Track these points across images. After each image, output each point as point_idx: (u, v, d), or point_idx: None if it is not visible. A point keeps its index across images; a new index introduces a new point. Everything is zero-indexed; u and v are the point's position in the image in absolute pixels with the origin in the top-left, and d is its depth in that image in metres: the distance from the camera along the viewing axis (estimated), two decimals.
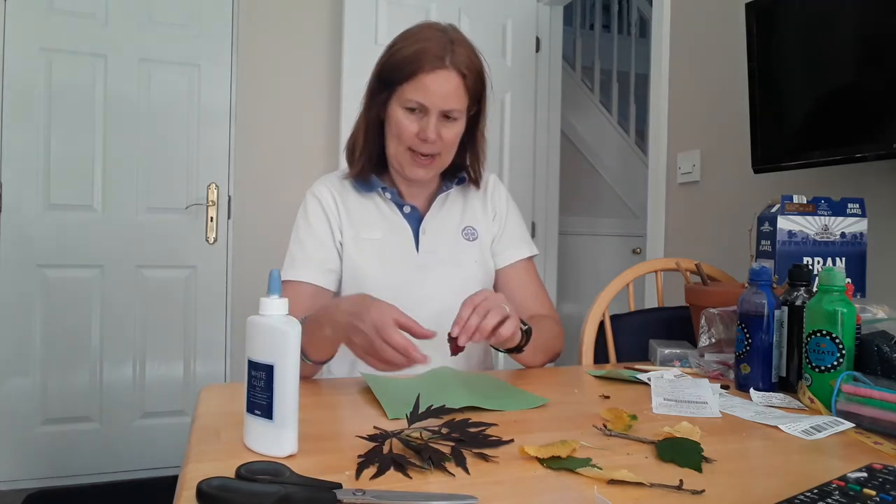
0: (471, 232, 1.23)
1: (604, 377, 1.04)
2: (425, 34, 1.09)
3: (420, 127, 1.08)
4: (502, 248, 1.25)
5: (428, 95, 1.06)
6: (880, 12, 1.28)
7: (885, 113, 1.27)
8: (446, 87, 1.07)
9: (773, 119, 1.52)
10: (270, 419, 0.63)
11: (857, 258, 1.18)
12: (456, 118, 1.11)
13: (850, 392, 0.79)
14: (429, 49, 1.06)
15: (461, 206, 1.24)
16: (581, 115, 3.79)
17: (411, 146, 1.10)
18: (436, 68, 1.05)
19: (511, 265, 1.25)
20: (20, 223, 2.37)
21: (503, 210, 1.27)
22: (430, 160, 1.12)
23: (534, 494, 0.57)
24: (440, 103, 1.07)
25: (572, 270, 3.61)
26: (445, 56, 1.06)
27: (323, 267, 1.15)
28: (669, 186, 2.18)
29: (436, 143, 1.09)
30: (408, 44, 1.08)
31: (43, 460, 2.40)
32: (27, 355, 2.39)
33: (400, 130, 1.09)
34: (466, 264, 1.20)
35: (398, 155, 1.12)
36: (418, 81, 1.06)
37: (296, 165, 2.69)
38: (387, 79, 1.10)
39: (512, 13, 2.80)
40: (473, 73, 1.10)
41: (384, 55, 1.12)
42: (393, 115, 1.10)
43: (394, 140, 1.12)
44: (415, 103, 1.07)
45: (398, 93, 1.08)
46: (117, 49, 2.46)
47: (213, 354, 2.62)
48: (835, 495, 0.51)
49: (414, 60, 1.06)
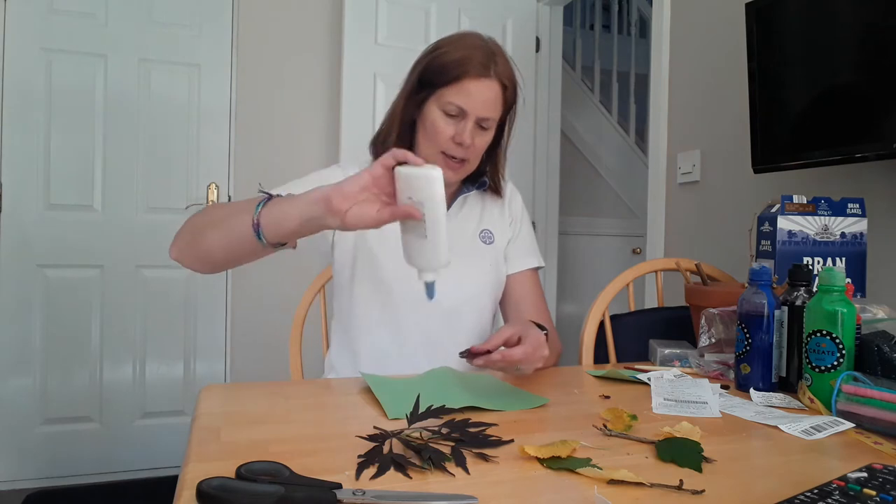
0: (487, 235, 1.24)
1: (604, 377, 1.04)
2: (471, 41, 1.10)
3: (456, 131, 1.09)
4: (512, 256, 1.27)
5: (470, 101, 1.07)
6: (880, 12, 1.28)
7: (885, 113, 1.27)
8: (488, 95, 1.08)
9: (772, 119, 1.52)
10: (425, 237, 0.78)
11: (857, 258, 1.18)
12: (488, 128, 1.12)
13: (851, 392, 0.79)
14: (475, 57, 1.07)
15: (479, 209, 1.26)
16: (581, 115, 3.79)
17: (444, 149, 1.11)
18: (481, 76, 1.07)
19: (518, 273, 1.26)
20: (20, 223, 2.37)
21: (519, 217, 1.30)
22: (460, 164, 1.13)
23: (534, 494, 0.57)
24: (480, 110, 1.08)
25: (572, 270, 3.61)
26: (490, 65, 1.08)
27: None
28: (669, 186, 2.18)
29: (469, 149, 1.11)
30: (453, 49, 1.09)
31: (43, 460, 2.40)
32: (27, 355, 2.39)
33: (436, 132, 1.10)
34: (481, 267, 1.21)
35: (429, 156, 1.13)
36: (462, 86, 1.07)
37: (296, 165, 2.69)
38: (428, 80, 1.10)
39: (512, 13, 2.80)
40: (512, 86, 1.12)
41: (427, 57, 1.12)
42: (429, 116, 1.10)
43: (427, 141, 1.12)
44: (455, 107, 1.08)
45: (438, 95, 1.09)
46: (117, 49, 2.46)
47: (213, 354, 2.62)
48: (835, 495, 0.51)
49: (460, 65, 1.07)
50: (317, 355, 1.43)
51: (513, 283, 1.26)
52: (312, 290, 1.40)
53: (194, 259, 0.96)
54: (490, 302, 1.23)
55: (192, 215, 0.98)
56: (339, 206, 0.78)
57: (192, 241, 0.95)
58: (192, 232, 0.96)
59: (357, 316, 1.17)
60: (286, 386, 0.98)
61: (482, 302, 1.21)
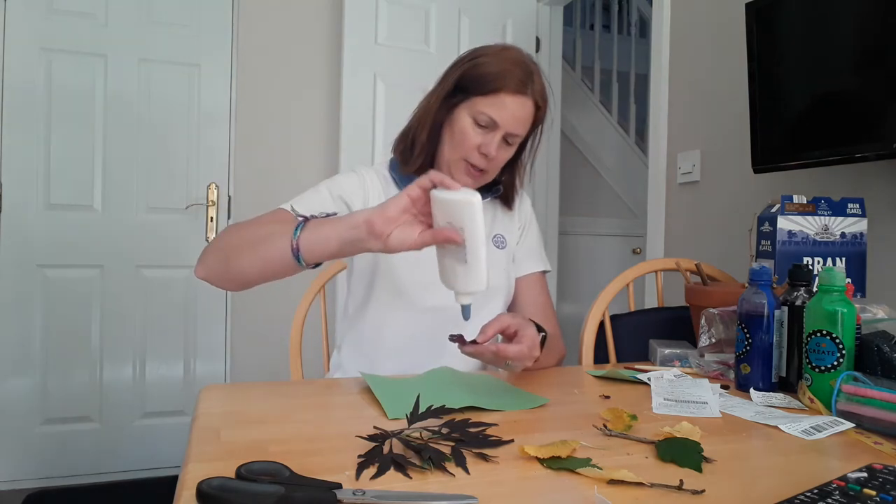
0: (500, 240, 1.25)
1: (604, 377, 1.04)
2: (512, 56, 1.10)
3: (483, 141, 1.09)
4: (520, 259, 1.27)
5: (503, 115, 1.07)
6: (880, 12, 1.28)
7: (885, 113, 1.27)
8: (521, 113, 1.09)
9: (773, 119, 1.52)
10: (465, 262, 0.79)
11: (857, 258, 1.18)
12: (512, 143, 1.13)
13: (851, 392, 0.79)
14: (515, 72, 1.08)
15: (492, 215, 1.26)
16: (581, 114, 3.79)
17: (467, 157, 1.11)
18: (518, 92, 1.08)
19: (525, 277, 1.27)
20: (20, 223, 2.37)
21: (528, 221, 1.31)
22: (479, 174, 1.13)
23: (534, 494, 0.57)
24: (511, 125, 1.09)
25: (572, 270, 3.61)
26: (528, 83, 1.09)
27: None
28: (669, 186, 2.18)
29: (492, 161, 1.11)
30: (495, 60, 1.09)
31: (43, 460, 2.40)
32: (27, 355, 2.39)
33: (463, 139, 1.10)
34: (495, 271, 1.21)
35: (452, 162, 1.13)
36: (498, 99, 1.07)
37: (296, 165, 2.69)
38: (465, 86, 1.10)
39: (512, 13, 2.79)
40: (544, 106, 1.13)
41: (467, 63, 1.11)
42: (459, 122, 1.10)
43: (453, 146, 1.12)
44: (487, 118, 1.08)
45: (472, 103, 1.09)
46: (117, 49, 2.46)
47: (213, 354, 2.62)
48: (835, 495, 0.51)
49: (499, 78, 1.07)
50: (317, 355, 1.43)
51: (520, 286, 1.26)
52: (312, 290, 1.40)
53: (225, 280, 0.95)
54: (502, 306, 1.23)
55: (219, 235, 0.97)
56: (382, 230, 0.79)
57: (224, 263, 0.94)
58: (222, 253, 0.94)
59: (373, 320, 1.18)
60: (286, 386, 0.98)
61: (495, 305, 1.21)
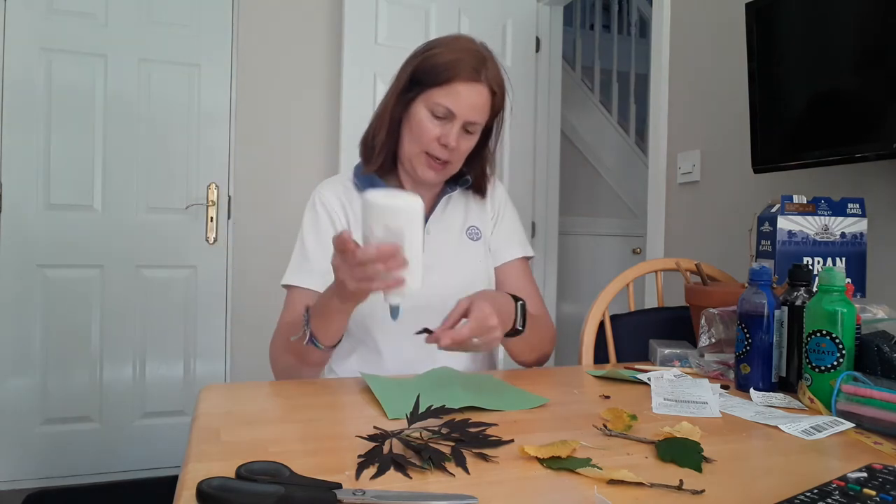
0: (474, 231, 1.24)
1: (604, 377, 1.04)
2: (463, 45, 1.10)
3: (442, 132, 1.09)
4: (496, 247, 1.26)
5: (458, 104, 1.07)
6: (880, 12, 1.28)
7: (885, 113, 1.27)
8: (477, 100, 1.09)
9: (773, 119, 1.52)
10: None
11: (857, 258, 1.18)
12: (473, 132, 1.13)
13: (850, 392, 0.79)
14: (466, 60, 1.08)
15: (464, 206, 1.26)
16: (581, 115, 3.79)
17: (428, 150, 1.11)
18: (471, 80, 1.07)
19: (504, 265, 1.26)
20: (20, 223, 2.37)
21: (500, 208, 1.29)
22: (442, 165, 1.13)
23: (534, 494, 0.57)
24: (467, 114, 1.08)
25: (572, 270, 3.61)
26: (482, 70, 1.08)
27: (325, 275, 1.15)
28: (669, 186, 2.18)
29: (453, 152, 1.11)
30: (446, 50, 1.09)
31: (43, 460, 2.40)
32: (27, 355, 2.39)
33: (421, 132, 1.10)
34: (470, 263, 1.21)
35: (412, 156, 1.13)
36: (452, 88, 1.07)
37: (296, 165, 2.69)
38: (418, 80, 1.10)
39: (512, 13, 2.80)
40: (501, 93, 1.13)
41: (419, 56, 1.12)
42: (416, 115, 1.10)
43: (412, 140, 1.12)
44: (443, 109, 1.08)
45: (427, 95, 1.09)
46: (117, 49, 2.46)
47: (213, 354, 2.62)
48: (835, 495, 0.51)
49: (451, 67, 1.07)
50: None
51: (500, 275, 1.25)
52: None
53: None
54: None
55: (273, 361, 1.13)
56: (352, 294, 0.87)
57: (291, 376, 1.09)
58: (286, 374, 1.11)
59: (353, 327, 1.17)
60: (286, 386, 0.98)
61: None
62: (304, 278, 1.15)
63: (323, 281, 1.14)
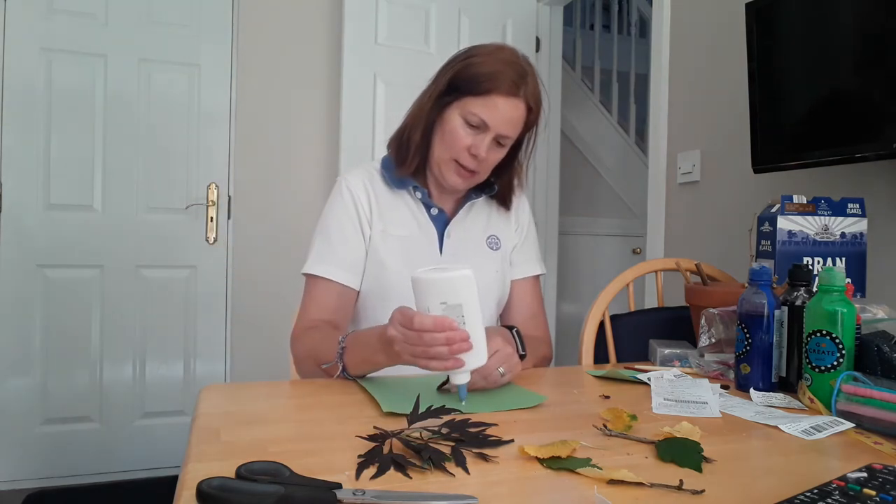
0: (494, 241, 1.24)
1: (604, 377, 1.04)
2: (506, 56, 1.10)
3: (474, 142, 1.09)
4: (516, 262, 1.27)
5: (494, 116, 1.07)
6: (880, 12, 1.28)
7: (885, 113, 1.27)
8: (513, 114, 1.08)
9: (773, 119, 1.52)
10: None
11: (857, 258, 1.18)
12: (504, 144, 1.12)
13: (850, 392, 0.79)
14: (507, 73, 1.07)
15: (486, 215, 1.26)
16: (581, 115, 3.79)
17: (457, 157, 1.11)
18: (510, 94, 1.07)
19: (520, 280, 1.26)
20: (20, 223, 2.37)
21: (525, 223, 1.30)
22: (470, 174, 1.13)
23: (534, 494, 0.57)
24: (501, 127, 1.08)
25: (572, 270, 3.61)
26: (521, 85, 1.08)
27: (350, 266, 1.15)
28: (669, 186, 2.18)
29: (482, 162, 1.11)
30: (488, 60, 1.08)
31: (43, 460, 2.40)
32: (27, 355, 2.39)
33: (454, 139, 1.10)
34: (487, 272, 1.20)
35: (442, 161, 1.13)
36: (490, 100, 1.06)
37: (296, 165, 2.69)
38: (457, 86, 1.09)
39: (512, 13, 2.79)
40: (537, 108, 1.12)
41: (460, 62, 1.11)
42: (450, 122, 1.10)
43: (443, 146, 1.12)
44: (478, 119, 1.07)
45: (463, 103, 1.08)
46: (117, 49, 2.46)
47: (213, 354, 2.61)
48: (835, 495, 0.51)
49: (492, 79, 1.06)
50: None
51: (514, 288, 1.26)
52: None
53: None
54: (495, 307, 1.23)
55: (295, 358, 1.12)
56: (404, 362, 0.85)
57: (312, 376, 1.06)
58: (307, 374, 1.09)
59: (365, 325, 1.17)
60: (286, 386, 0.99)
61: (488, 306, 1.21)
62: (327, 269, 1.13)
63: (346, 272, 1.14)
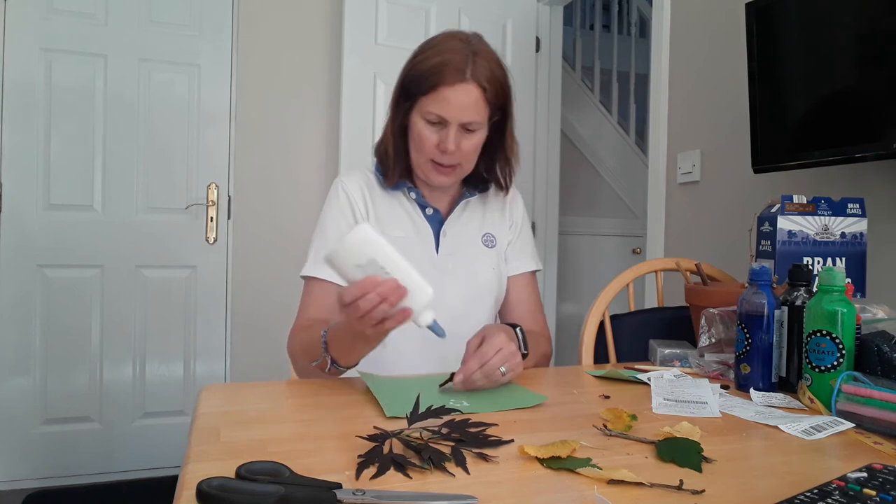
0: (490, 239, 1.24)
1: (604, 377, 1.04)
2: (448, 45, 1.08)
3: (440, 139, 1.09)
4: (511, 258, 1.27)
5: (447, 109, 1.06)
6: (880, 12, 1.28)
7: (885, 113, 1.27)
8: (466, 101, 1.06)
9: (772, 119, 1.52)
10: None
11: (857, 258, 1.18)
12: (475, 130, 1.11)
13: (850, 392, 0.79)
14: (450, 61, 1.06)
15: (481, 212, 1.26)
16: (581, 115, 3.79)
17: (432, 157, 1.11)
18: (456, 82, 1.05)
19: (516, 276, 1.26)
20: (20, 223, 2.37)
21: (519, 220, 1.30)
22: (451, 169, 1.13)
23: (534, 494, 0.57)
24: (459, 116, 1.07)
25: (572, 270, 3.61)
26: (466, 69, 1.06)
27: None
28: (669, 186, 2.18)
29: (455, 155, 1.10)
30: (430, 55, 1.08)
31: (43, 460, 2.40)
32: (27, 355, 2.39)
33: (421, 142, 1.10)
34: (483, 270, 1.21)
35: (420, 164, 1.14)
36: (438, 94, 1.06)
37: (296, 165, 2.69)
38: (409, 90, 1.10)
39: (512, 13, 2.80)
40: (494, 86, 1.09)
41: (407, 65, 1.11)
42: (414, 126, 1.10)
43: (416, 150, 1.13)
44: (435, 116, 1.07)
45: (420, 104, 1.09)
46: (117, 49, 2.46)
47: (213, 354, 2.62)
48: (835, 495, 0.51)
49: (435, 73, 1.05)
50: None
51: (510, 285, 1.26)
52: None
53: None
54: (493, 304, 1.23)
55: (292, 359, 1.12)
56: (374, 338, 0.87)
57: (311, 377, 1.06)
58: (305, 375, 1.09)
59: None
60: (286, 386, 0.98)
61: (486, 304, 1.21)
62: (325, 270, 1.13)
63: None
